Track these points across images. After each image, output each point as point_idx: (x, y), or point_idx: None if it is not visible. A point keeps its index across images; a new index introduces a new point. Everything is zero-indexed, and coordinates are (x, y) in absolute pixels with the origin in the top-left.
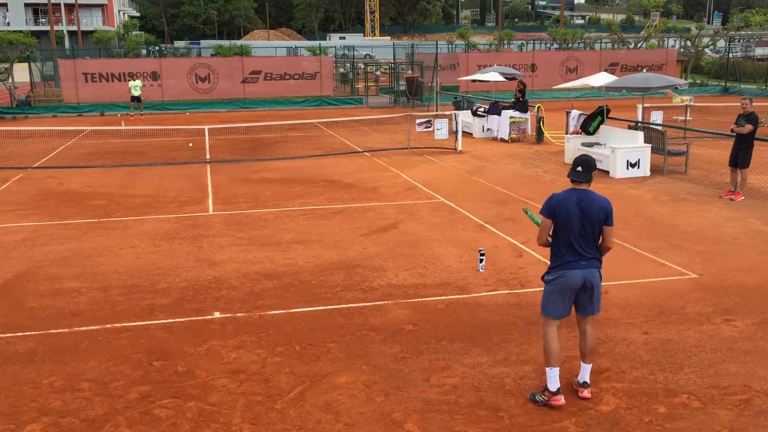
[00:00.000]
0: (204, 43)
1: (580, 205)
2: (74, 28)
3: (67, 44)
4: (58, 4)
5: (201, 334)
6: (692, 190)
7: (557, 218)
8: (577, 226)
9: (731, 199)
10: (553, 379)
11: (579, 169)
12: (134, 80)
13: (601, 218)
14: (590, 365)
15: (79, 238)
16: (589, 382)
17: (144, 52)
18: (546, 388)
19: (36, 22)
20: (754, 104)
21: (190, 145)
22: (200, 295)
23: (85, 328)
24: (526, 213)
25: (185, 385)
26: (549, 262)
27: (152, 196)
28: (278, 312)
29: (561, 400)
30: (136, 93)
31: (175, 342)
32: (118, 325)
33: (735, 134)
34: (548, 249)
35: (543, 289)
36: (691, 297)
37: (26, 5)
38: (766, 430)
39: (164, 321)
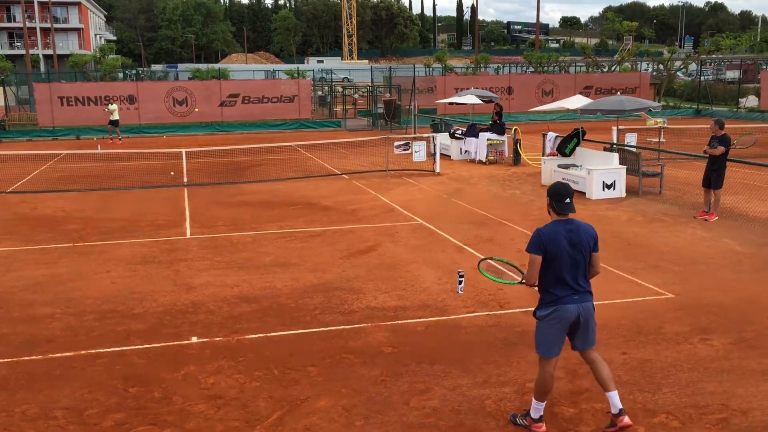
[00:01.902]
0: (182, 66)
1: (570, 237)
2: (50, 51)
3: (42, 68)
4: (34, 28)
5: (178, 359)
6: (667, 211)
7: (548, 254)
8: (568, 260)
9: (705, 220)
10: (538, 410)
11: (567, 201)
12: (111, 104)
13: (591, 246)
14: (616, 392)
15: (53, 263)
16: (623, 408)
17: (121, 75)
18: (528, 413)
19: (11, 46)
20: (726, 126)
21: (172, 174)
22: (177, 319)
23: (59, 355)
24: (481, 273)
25: (162, 412)
26: (539, 299)
27: (129, 220)
28: (257, 336)
29: (542, 427)
30: (115, 117)
31: (151, 368)
32: (93, 351)
33: (708, 156)
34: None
35: (535, 326)
36: (667, 317)
37: (1, 29)
38: None
39: (140, 346)
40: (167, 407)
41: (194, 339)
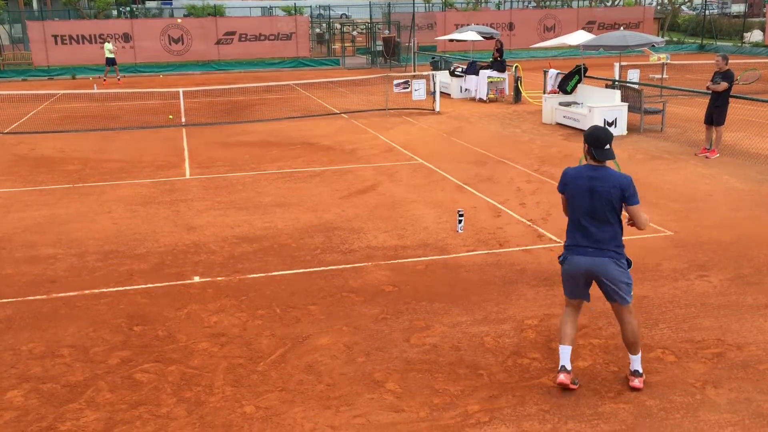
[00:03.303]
0: (176, 2)
1: (592, 182)
2: None
3: (35, 5)
4: None
5: (181, 298)
6: (668, 148)
7: (567, 194)
8: (586, 204)
9: (706, 157)
10: (562, 355)
11: (607, 147)
12: (107, 42)
13: (615, 196)
14: (638, 355)
15: (54, 204)
16: (640, 370)
17: (115, 12)
18: None
19: None
20: (730, 62)
21: (171, 117)
22: (179, 259)
23: (63, 295)
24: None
25: (166, 350)
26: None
27: (128, 161)
28: (258, 275)
29: (560, 377)
30: (110, 56)
31: (154, 307)
32: (96, 290)
33: (711, 92)
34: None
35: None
36: (666, 254)
37: None
38: (739, 383)
39: (143, 286)
40: (171, 345)
41: (196, 279)
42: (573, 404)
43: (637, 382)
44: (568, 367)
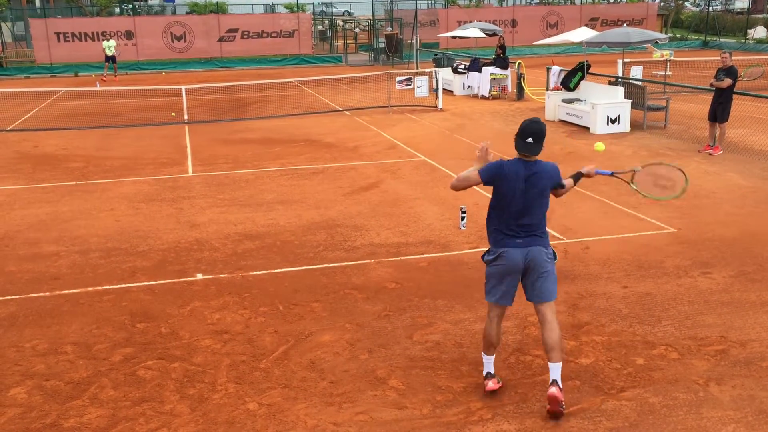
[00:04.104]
0: (178, 0)
1: (527, 183)
2: None
3: (38, 3)
4: None
5: (183, 295)
6: (671, 145)
7: (497, 190)
8: (520, 201)
9: (710, 154)
10: (485, 364)
11: (530, 140)
12: (108, 40)
13: (548, 186)
14: (558, 364)
15: (56, 201)
16: (558, 381)
17: (117, 10)
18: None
19: None
20: (733, 58)
21: (173, 114)
22: (182, 256)
23: (66, 292)
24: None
25: (169, 347)
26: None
27: (130, 158)
28: (261, 272)
29: (488, 385)
30: (110, 53)
31: (157, 304)
32: (99, 288)
33: (714, 88)
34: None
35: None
36: (669, 251)
37: None
38: (742, 380)
39: (146, 283)
40: (174, 342)
41: (199, 276)
42: (575, 401)
43: (555, 390)
44: (493, 371)
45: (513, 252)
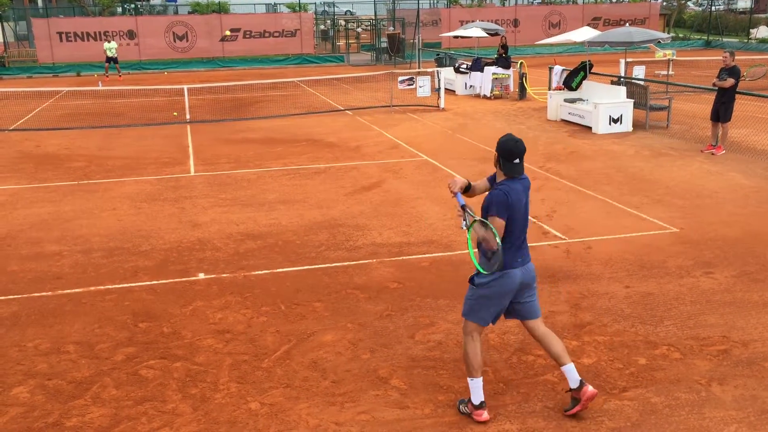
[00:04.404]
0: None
1: (526, 199)
2: None
3: (40, 3)
4: None
5: (186, 295)
6: (674, 145)
7: (511, 218)
8: (523, 222)
9: (712, 153)
10: (476, 390)
11: (517, 161)
12: (109, 42)
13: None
14: (571, 364)
15: (59, 201)
16: (583, 379)
17: (119, 10)
18: (469, 400)
19: None
20: (736, 58)
21: (175, 114)
22: (184, 256)
23: (68, 291)
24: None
25: (171, 346)
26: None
27: (132, 158)
28: (263, 272)
29: (483, 415)
30: (111, 54)
31: (160, 303)
32: (101, 287)
33: (717, 88)
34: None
35: (468, 290)
36: (671, 251)
37: None
38: (745, 380)
39: (148, 283)
40: (177, 341)
41: (201, 275)
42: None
43: (591, 389)
44: (483, 398)
45: (515, 272)
